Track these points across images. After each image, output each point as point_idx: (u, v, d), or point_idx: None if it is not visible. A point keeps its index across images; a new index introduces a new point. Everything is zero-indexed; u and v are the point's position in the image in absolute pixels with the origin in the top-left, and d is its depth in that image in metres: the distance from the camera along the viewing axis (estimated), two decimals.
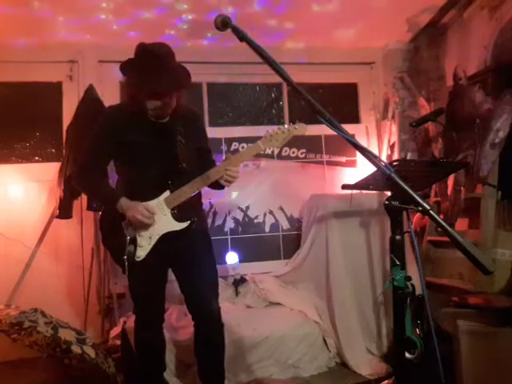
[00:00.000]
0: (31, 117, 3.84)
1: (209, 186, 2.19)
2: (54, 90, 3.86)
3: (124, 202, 2.05)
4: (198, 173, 2.09)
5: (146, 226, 2.06)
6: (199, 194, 2.25)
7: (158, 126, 2.13)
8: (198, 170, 2.12)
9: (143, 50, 2.00)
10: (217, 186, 2.18)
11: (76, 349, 2.32)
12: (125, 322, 2.92)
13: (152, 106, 2.03)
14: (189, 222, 2.09)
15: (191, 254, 2.19)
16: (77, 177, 2.25)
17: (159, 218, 2.08)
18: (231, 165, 2.06)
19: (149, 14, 3.46)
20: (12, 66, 3.64)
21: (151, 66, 1.95)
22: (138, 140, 2.07)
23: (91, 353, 2.37)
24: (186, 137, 2.14)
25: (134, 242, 2.08)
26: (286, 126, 2.04)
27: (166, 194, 2.09)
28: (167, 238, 2.09)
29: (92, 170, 2.14)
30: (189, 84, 2.08)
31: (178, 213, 2.09)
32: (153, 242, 2.08)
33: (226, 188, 2.24)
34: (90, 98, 3.32)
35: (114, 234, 2.11)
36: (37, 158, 3.88)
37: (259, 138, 4.31)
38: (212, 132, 3.95)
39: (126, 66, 2.05)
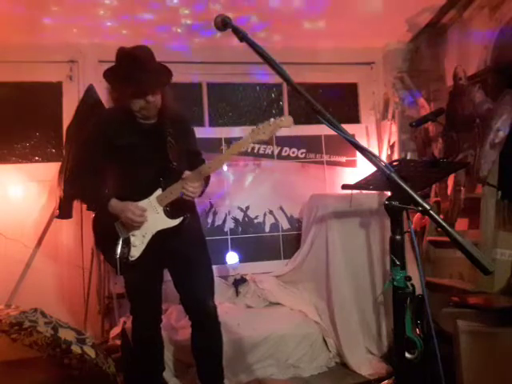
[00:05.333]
0: (31, 117, 3.83)
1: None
2: (54, 90, 3.86)
3: (115, 203, 2.07)
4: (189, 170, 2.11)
5: (138, 225, 2.07)
6: None
7: (148, 128, 2.16)
8: (188, 168, 2.12)
9: (123, 53, 2.05)
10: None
11: (76, 349, 2.32)
12: (125, 322, 2.92)
13: (137, 106, 2.07)
14: (182, 218, 2.10)
15: (185, 254, 2.20)
16: (69, 181, 2.30)
17: (152, 217, 2.09)
18: (222, 160, 2.10)
19: (149, 14, 3.46)
20: (12, 66, 3.63)
21: (131, 67, 2.00)
22: (129, 142, 2.10)
23: (91, 353, 2.36)
24: (176, 138, 2.16)
25: (127, 242, 2.09)
26: (272, 119, 2.07)
27: (158, 192, 2.10)
28: (161, 237, 2.10)
29: (83, 174, 2.17)
30: (168, 81, 2.13)
31: (171, 210, 2.10)
32: (146, 240, 2.09)
33: (226, 188, 2.26)
34: (90, 98, 3.32)
35: (107, 235, 2.13)
36: (37, 158, 3.87)
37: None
38: (212, 132, 3.99)
39: (108, 73, 2.11)
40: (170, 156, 2.11)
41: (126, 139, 2.10)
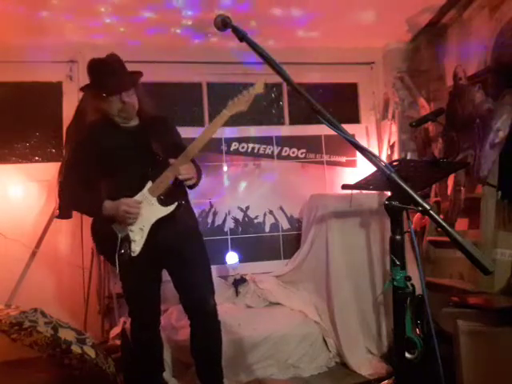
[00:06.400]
0: (31, 117, 3.83)
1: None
2: (54, 90, 3.86)
3: (108, 204, 2.10)
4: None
5: (134, 218, 2.09)
6: (183, 186, 2.25)
7: (131, 130, 2.23)
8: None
9: (93, 62, 2.15)
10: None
11: (76, 349, 2.32)
12: (125, 322, 2.92)
13: (115, 109, 2.14)
14: (176, 204, 2.13)
15: (183, 253, 2.21)
16: (60, 195, 2.32)
17: (147, 209, 2.11)
18: (204, 138, 2.14)
19: (149, 14, 3.45)
20: (12, 65, 3.63)
21: (103, 72, 2.12)
22: (115, 145, 2.15)
23: (91, 353, 2.36)
24: (159, 135, 2.21)
25: (127, 239, 2.10)
26: (244, 90, 2.19)
27: (149, 184, 2.13)
28: (159, 228, 2.11)
29: (73, 186, 2.21)
30: (138, 79, 2.23)
31: (165, 198, 2.13)
32: (145, 233, 2.11)
33: (226, 187, 2.28)
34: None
35: (107, 240, 2.14)
36: (37, 157, 3.87)
37: (259, 137, 4.32)
38: None
39: (85, 87, 2.22)
40: (154, 150, 2.15)
41: (112, 144, 2.15)
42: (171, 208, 2.13)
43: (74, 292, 3.62)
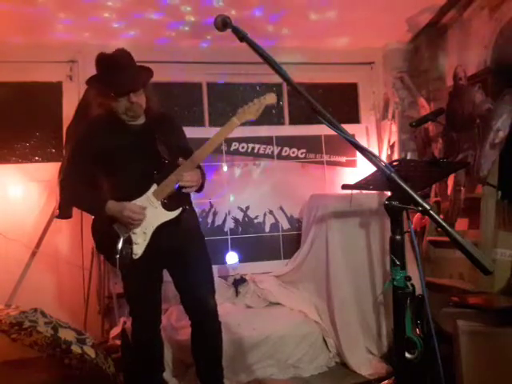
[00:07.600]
0: (31, 117, 3.83)
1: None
2: (54, 90, 3.86)
3: (112, 204, 2.08)
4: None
5: (138, 223, 2.08)
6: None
7: (136, 129, 2.19)
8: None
9: (102, 58, 2.09)
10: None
11: (76, 349, 2.32)
12: (125, 322, 2.92)
13: (122, 108, 2.10)
14: (180, 209, 2.12)
15: (184, 253, 2.21)
16: (61, 192, 2.31)
17: (150, 212, 2.09)
18: (212, 145, 2.11)
19: (150, 14, 3.46)
20: (12, 65, 3.63)
21: (111, 69, 2.05)
22: (119, 144, 2.12)
23: (91, 353, 2.37)
24: (165, 135, 2.18)
25: (129, 241, 2.09)
26: (256, 99, 2.13)
27: (154, 187, 2.11)
28: (162, 232, 2.10)
29: (74, 185, 2.18)
30: (148, 80, 2.17)
31: (169, 203, 2.11)
32: (148, 237, 2.10)
33: (226, 188, 2.27)
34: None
35: (107, 239, 2.12)
36: (37, 157, 3.87)
37: (259, 137, 4.33)
38: (212, 132, 3.93)
39: (91, 80, 2.16)
40: (160, 152, 2.13)
41: (116, 142, 2.12)
42: (176, 213, 2.11)
43: (74, 292, 3.62)
